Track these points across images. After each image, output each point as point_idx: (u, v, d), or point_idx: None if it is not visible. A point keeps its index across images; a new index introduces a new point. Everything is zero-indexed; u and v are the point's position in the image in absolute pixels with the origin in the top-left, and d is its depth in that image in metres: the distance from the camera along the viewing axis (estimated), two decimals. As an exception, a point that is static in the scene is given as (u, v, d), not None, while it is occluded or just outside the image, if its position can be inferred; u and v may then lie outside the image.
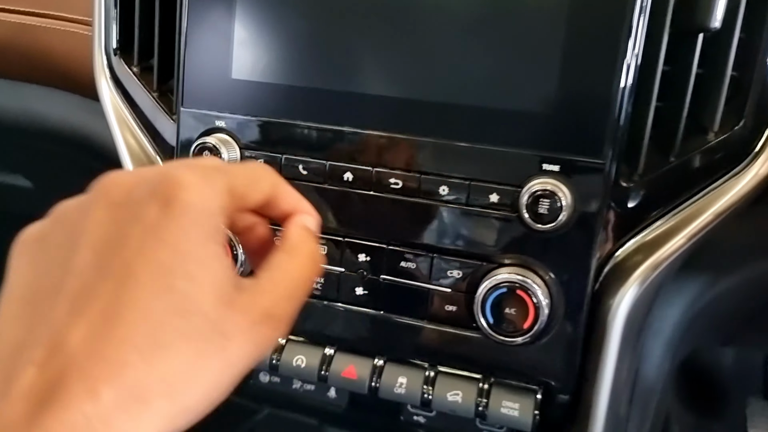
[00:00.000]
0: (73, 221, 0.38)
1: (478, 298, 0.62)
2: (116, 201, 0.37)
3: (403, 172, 0.64)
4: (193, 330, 0.35)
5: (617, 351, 0.63)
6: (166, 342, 0.34)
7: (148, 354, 0.33)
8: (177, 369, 0.34)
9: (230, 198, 0.39)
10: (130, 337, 0.33)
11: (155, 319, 0.34)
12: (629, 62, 0.58)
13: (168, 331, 0.34)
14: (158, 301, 0.34)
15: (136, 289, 0.34)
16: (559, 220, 0.59)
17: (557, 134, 0.60)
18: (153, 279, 0.35)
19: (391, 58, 0.63)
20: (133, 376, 0.33)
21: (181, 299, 0.35)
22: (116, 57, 0.77)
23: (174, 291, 0.35)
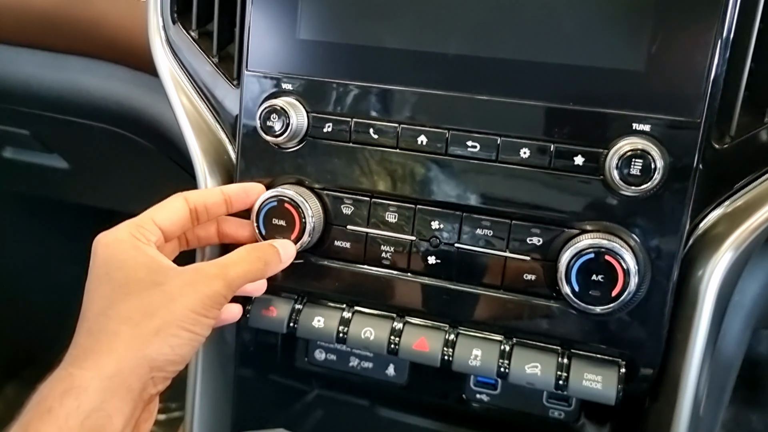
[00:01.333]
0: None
1: (561, 265, 0.59)
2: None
3: (480, 134, 0.62)
4: (136, 289, 0.55)
5: (708, 323, 0.60)
6: (120, 299, 0.54)
7: (108, 312, 0.54)
8: (130, 309, 0.53)
9: (135, 225, 0.59)
10: (94, 311, 0.55)
11: (108, 298, 0.54)
12: (726, 18, 0.55)
13: (120, 297, 0.55)
14: (105, 290, 0.55)
15: (95, 294, 0.56)
16: (652, 182, 0.56)
17: (648, 92, 0.57)
18: (98, 283, 0.56)
19: (473, 15, 0.60)
20: (98, 324, 0.54)
21: (121, 284, 0.55)
22: (173, 23, 0.74)
23: (114, 280, 0.56)
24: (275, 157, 0.67)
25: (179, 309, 0.53)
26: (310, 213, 0.65)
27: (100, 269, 0.56)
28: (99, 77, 0.92)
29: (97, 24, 0.84)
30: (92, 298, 0.54)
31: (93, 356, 0.51)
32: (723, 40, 0.56)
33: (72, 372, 0.50)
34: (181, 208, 0.62)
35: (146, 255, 0.56)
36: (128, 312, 0.52)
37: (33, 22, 0.89)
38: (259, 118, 0.65)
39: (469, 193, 0.63)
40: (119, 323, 0.52)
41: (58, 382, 0.50)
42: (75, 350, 0.52)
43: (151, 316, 0.52)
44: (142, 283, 0.54)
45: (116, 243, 0.57)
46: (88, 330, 0.53)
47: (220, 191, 0.65)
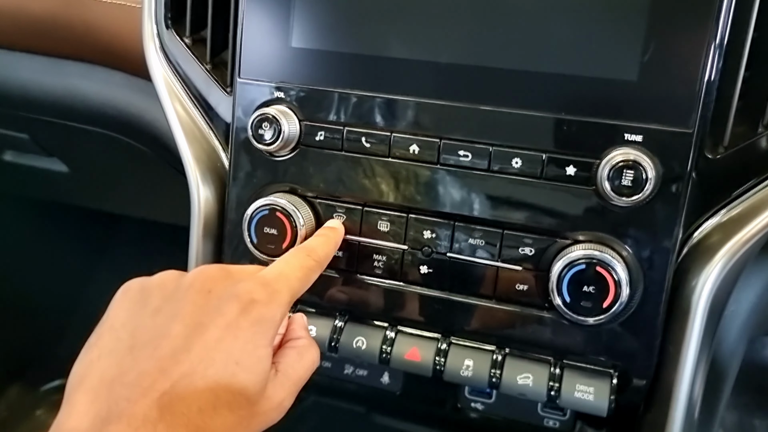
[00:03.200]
0: (171, 292, 0.52)
1: (553, 276, 0.59)
2: (208, 289, 0.51)
3: (473, 143, 0.61)
4: (237, 404, 0.47)
5: (700, 334, 0.60)
6: (219, 408, 0.46)
7: (205, 412, 0.46)
8: (223, 427, 0.47)
9: (288, 306, 0.53)
10: (197, 398, 0.46)
11: (216, 391, 0.47)
12: (719, 26, 0.55)
13: (222, 401, 0.47)
14: (222, 380, 0.47)
15: (210, 367, 0.47)
16: (644, 193, 0.56)
17: (641, 102, 0.57)
18: (223, 364, 0.48)
19: (465, 24, 0.60)
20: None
21: (238, 383, 0.48)
22: (167, 29, 0.74)
23: (235, 377, 0.48)
24: (267, 165, 0.67)
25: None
26: (301, 222, 0.64)
27: (235, 349, 0.49)
28: (96, 82, 0.92)
29: (92, 29, 0.84)
30: (206, 376, 0.47)
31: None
32: (716, 49, 0.55)
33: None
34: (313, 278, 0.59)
35: (269, 365, 0.51)
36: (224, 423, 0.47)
37: (29, 27, 0.89)
38: (251, 126, 0.65)
39: (461, 202, 0.63)
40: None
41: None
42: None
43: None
44: (250, 404, 0.49)
45: (270, 328, 0.51)
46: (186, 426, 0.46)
47: (334, 246, 0.64)
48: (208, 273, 0.53)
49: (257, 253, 0.66)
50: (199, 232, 0.71)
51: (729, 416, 1.40)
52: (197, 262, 0.72)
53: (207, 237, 0.72)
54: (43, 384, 1.67)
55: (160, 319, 0.50)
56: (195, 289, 0.51)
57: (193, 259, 0.72)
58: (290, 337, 0.57)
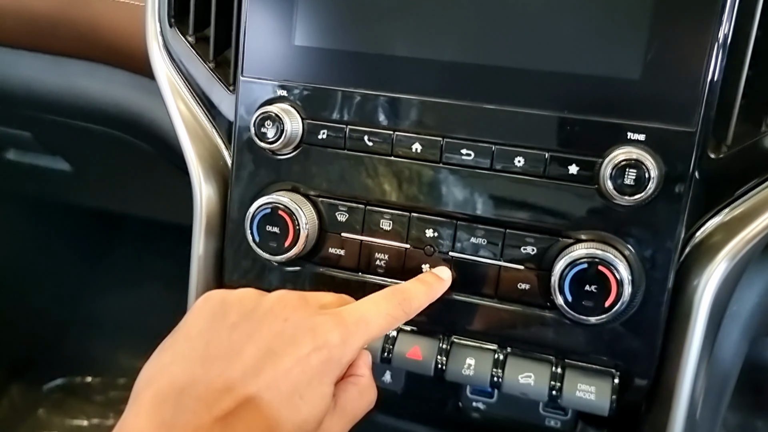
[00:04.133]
0: (249, 310, 0.53)
1: (555, 275, 0.59)
2: (285, 317, 0.52)
3: (475, 142, 0.61)
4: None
5: (702, 334, 0.59)
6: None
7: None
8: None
9: (360, 349, 0.55)
10: (258, 424, 0.47)
11: (278, 420, 0.47)
12: (722, 25, 0.55)
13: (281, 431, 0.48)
14: (284, 411, 0.48)
15: (276, 396, 0.48)
16: (646, 192, 0.56)
17: (644, 101, 0.57)
18: (288, 396, 0.48)
19: (468, 23, 0.60)
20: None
21: (299, 416, 0.49)
22: (170, 27, 0.74)
23: (298, 410, 0.49)
24: (270, 164, 0.67)
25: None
26: (304, 220, 0.64)
27: (302, 381, 0.50)
28: (99, 80, 0.92)
29: (95, 28, 0.84)
30: (270, 402, 0.48)
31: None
32: (719, 48, 0.55)
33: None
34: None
35: (329, 402, 0.52)
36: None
37: (32, 25, 0.89)
38: (254, 124, 0.65)
39: (464, 201, 0.63)
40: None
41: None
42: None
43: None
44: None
45: (337, 368, 0.52)
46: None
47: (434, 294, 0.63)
48: (288, 300, 0.54)
49: (259, 251, 0.66)
50: (202, 231, 0.71)
51: (731, 417, 1.40)
52: (200, 261, 0.72)
53: (209, 235, 0.72)
54: (45, 383, 1.68)
55: (236, 336, 0.51)
56: (273, 314, 0.52)
57: (196, 257, 0.72)
58: (353, 373, 0.57)
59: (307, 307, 0.54)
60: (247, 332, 0.51)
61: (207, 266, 0.73)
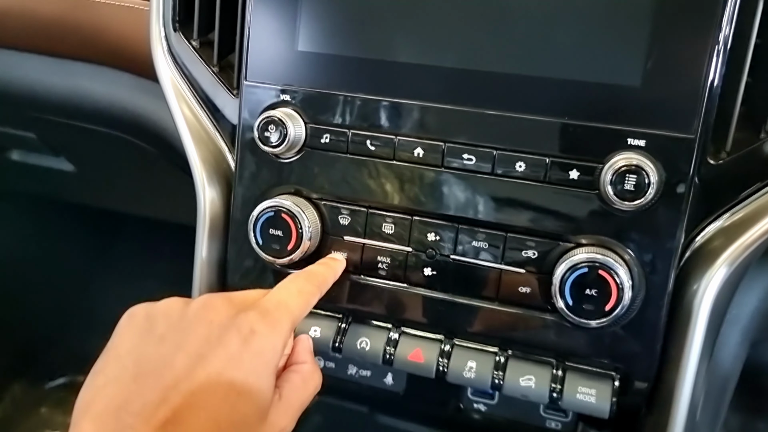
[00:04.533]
0: (175, 321, 0.53)
1: (556, 279, 0.59)
2: (210, 320, 0.52)
3: (476, 147, 0.62)
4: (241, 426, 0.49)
5: (702, 338, 0.60)
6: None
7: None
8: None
9: (290, 333, 0.55)
10: (198, 429, 0.47)
11: (218, 422, 0.48)
12: (722, 33, 0.55)
13: (223, 430, 0.48)
14: (223, 411, 0.48)
15: (212, 397, 0.48)
16: (646, 198, 0.57)
17: (644, 108, 0.57)
18: (225, 395, 0.48)
19: (470, 29, 0.61)
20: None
21: (239, 413, 0.49)
22: (175, 32, 0.75)
23: (236, 408, 0.49)
24: (273, 167, 0.68)
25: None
26: (306, 224, 0.65)
27: (238, 376, 0.50)
28: (104, 83, 0.92)
29: (100, 31, 0.85)
30: (205, 404, 0.48)
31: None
32: (719, 55, 0.56)
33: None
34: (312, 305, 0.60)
35: (271, 392, 0.53)
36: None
37: (38, 29, 0.90)
38: (257, 128, 0.65)
39: (465, 205, 0.63)
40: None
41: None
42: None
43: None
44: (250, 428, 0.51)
45: (271, 357, 0.53)
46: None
47: (334, 274, 0.65)
48: (211, 303, 0.54)
49: (262, 254, 0.67)
50: (205, 233, 0.72)
51: (732, 419, 1.40)
52: (203, 263, 0.73)
53: (213, 237, 0.72)
54: (48, 381, 1.68)
55: (165, 348, 0.51)
56: (198, 319, 0.52)
57: (199, 259, 0.73)
58: (294, 361, 0.58)
59: (231, 306, 0.54)
60: (175, 342, 0.51)
61: (210, 268, 0.73)
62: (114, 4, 0.82)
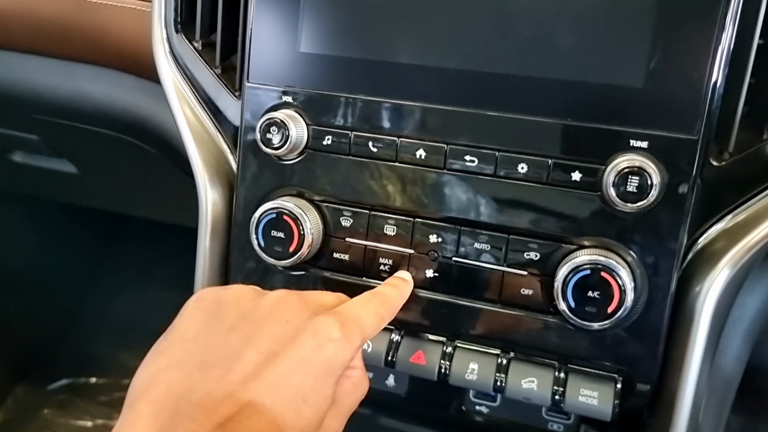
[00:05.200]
0: (248, 312, 0.52)
1: (558, 281, 0.59)
2: (286, 319, 0.51)
3: (479, 149, 0.62)
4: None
5: (704, 340, 0.60)
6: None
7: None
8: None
9: (359, 350, 0.54)
10: (260, 429, 0.45)
11: (280, 424, 0.46)
12: (725, 34, 0.55)
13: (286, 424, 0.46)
14: (288, 415, 0.46)
15: (278, 400, 0.46)
16: (648, 199, 0.56)
17: (646, 109, 0.57)
18: (291, 399, 0.47)
19: (472, 30, 0.61)
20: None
21: (303, 420, 0.47)
22: (177, 33, 0.75)
23: (301, 414, 0.47)
24: (275, 169, 0.68)
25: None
26: (309, 225, 0.65)
27: (304, 379, 0.48)
28: (106, 85, 0.93)
29: (102, 33, 0.85)
30: (272, 406, 0.47)
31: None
32: (721, 57, 0.56)
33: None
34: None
35: (331, 400, 0.51)
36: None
37: (41, 30, 0.90)
38: (259, 130, 0.65)
39: (468, 206, 0.63)
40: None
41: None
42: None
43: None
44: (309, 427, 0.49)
45: (339, 365, 0.51)
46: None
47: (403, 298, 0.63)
48: (287, 300, 0.53)
49: (264, 256, 0.67)
50: (207, 235, 0.72)
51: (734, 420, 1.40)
52: (205, 264, 0.73)
53: (215, 239, 0.72)
54: (50, 383, 1.69)
55: (235, 339, 0.49)
56: (273, 315, 0.51)
57: (201, 260, 0.73)
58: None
59: (308, 308, 0.53)
60: (247, 335, 0.49)
61: (212, 270, 0.73)
62: (116, 5, 0.82)
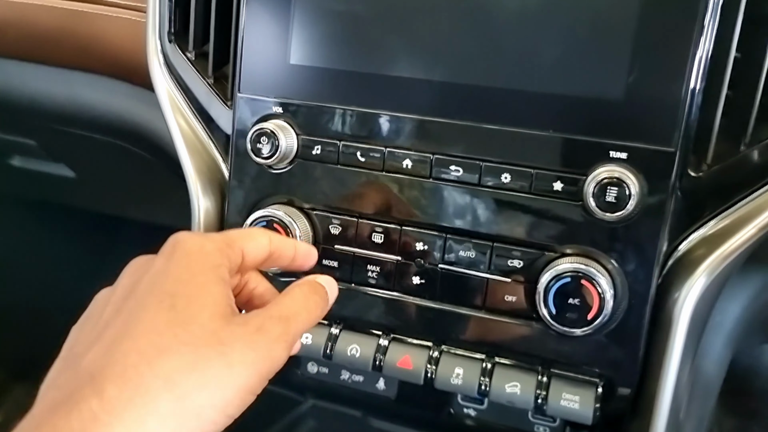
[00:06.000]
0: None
1: (540, 288, 0.61)
2: (138, 264, 0.48)
3: (463, 159, 0.63)
4: (192, 337, 0.41)
5: (683, 345, 0.61)
6: (166, 346, 0.40)
7: (149, 356, 0.39)
8: (177, 368, 0.39)
9: (227, 246, 0.48)
10: (134, 347, 0.40)
11: (157, 331, 0.40)
12: (702, 48, 0.57)
13: (168, 338, 0.40)
14: (160, 318, 0.41)
15: (143, 312, 0.42)
16: (627, 209, 0.58)
17: (626, 121, 0.59)
18: (157, 303, 0.42)
19: (456, 44, 0.62)
20: (135, 374, 0.39)
21: (181, 314, 0.41)
22: (170, 43, 0.77)
23: (175, 309, 0.41)
24: (266, 178, 0.69)
25: (230, 389, 0.41)
26: (298, 233, 0.67)
27: (167, 284, 0.43)
28: (102, 92, 0.94)
29: (97, 42, 0.87)
30: (140, 319, 0.41)
31: (131, 412, 0.38)
32: (699, 71, 0.57)
33: (103, 419, 0.38)
34: (265, 247, 0.52)
35: (223, 293, 0.44)
36: (176, 373, 0.40)
37: (38, 39, 0.92)
38: (250, 140, 0.67)
39: (453, 215, 0.65)
40: (162, 386, 0.39)
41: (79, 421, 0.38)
42: (102, 394, 0.38)
43: (198, 390, 0.40)
44: (205, 333, 0.41)
45: (201, 257, 0.46)
46: (122, 376, 0.39)
47: (293, 246, 0.56)
48: (139, 257, 0.50)
49: (255, 262, 0.68)
50: (200, 242, 0.73)
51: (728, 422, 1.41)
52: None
53: (207, 246, 0.74)
54: (49, 384, 1.70)
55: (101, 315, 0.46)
56: (127, 273, 0.49)
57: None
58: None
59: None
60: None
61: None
62: (111, 15, 0.84)
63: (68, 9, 0.87)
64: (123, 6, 0.84)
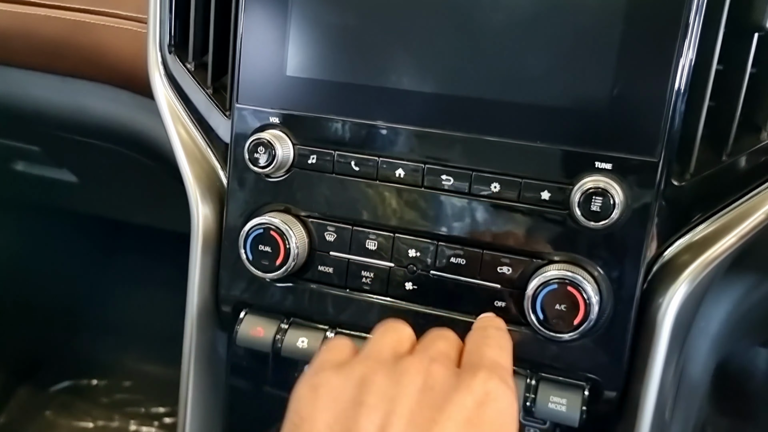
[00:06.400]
0: (381, 388, 0.47)
1: (528, 294, 0.63)
2: (428, 385, 0.46)
3: (454, 169, 0.65)
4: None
5: (666, 349, 0.63)
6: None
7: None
8: None
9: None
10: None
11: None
12: (684, 61, 0.59)
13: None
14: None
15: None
16: (611, 218, 0.60)
17: (610, 132, 0.61)
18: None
19: (445, 56, 0.64)
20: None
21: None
22: (171, 54, 0.79)
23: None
24: (263, 186, 0.71)
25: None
26: (294, 240, 0.68)
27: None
28: (104, 100, 0.96)
29: (99, 52, 0.89)
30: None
31: None
32: (681, 83, 0.59)
33: None
34: None
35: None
36: None
37: (41, 48, 0.94)
38: (247, 150, 0.69)
39: (444, 223, 0.67)
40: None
41: None
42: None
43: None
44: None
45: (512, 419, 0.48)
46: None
47: None
48: (418, 367, 0.50)
49: (252, 269, 0.70)
50: (199, 248, 0.76)
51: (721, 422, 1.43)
52: (198, 276, 0.76)
53: (206, 252, 0.76)
54: (53, 385, 1.72)
55: (378, 418, 0.46)
56: (412, 388, 0.48)
57: (193, 272, 0.76)
58: None
59: (444, 365, 0.51)
60: (389, 412, 0.46)
61: (204, 281, 0.77)
62: (113, 26, 0.86)
63: (71, 20, 0.89)
64: (125, 17, 0.86)
